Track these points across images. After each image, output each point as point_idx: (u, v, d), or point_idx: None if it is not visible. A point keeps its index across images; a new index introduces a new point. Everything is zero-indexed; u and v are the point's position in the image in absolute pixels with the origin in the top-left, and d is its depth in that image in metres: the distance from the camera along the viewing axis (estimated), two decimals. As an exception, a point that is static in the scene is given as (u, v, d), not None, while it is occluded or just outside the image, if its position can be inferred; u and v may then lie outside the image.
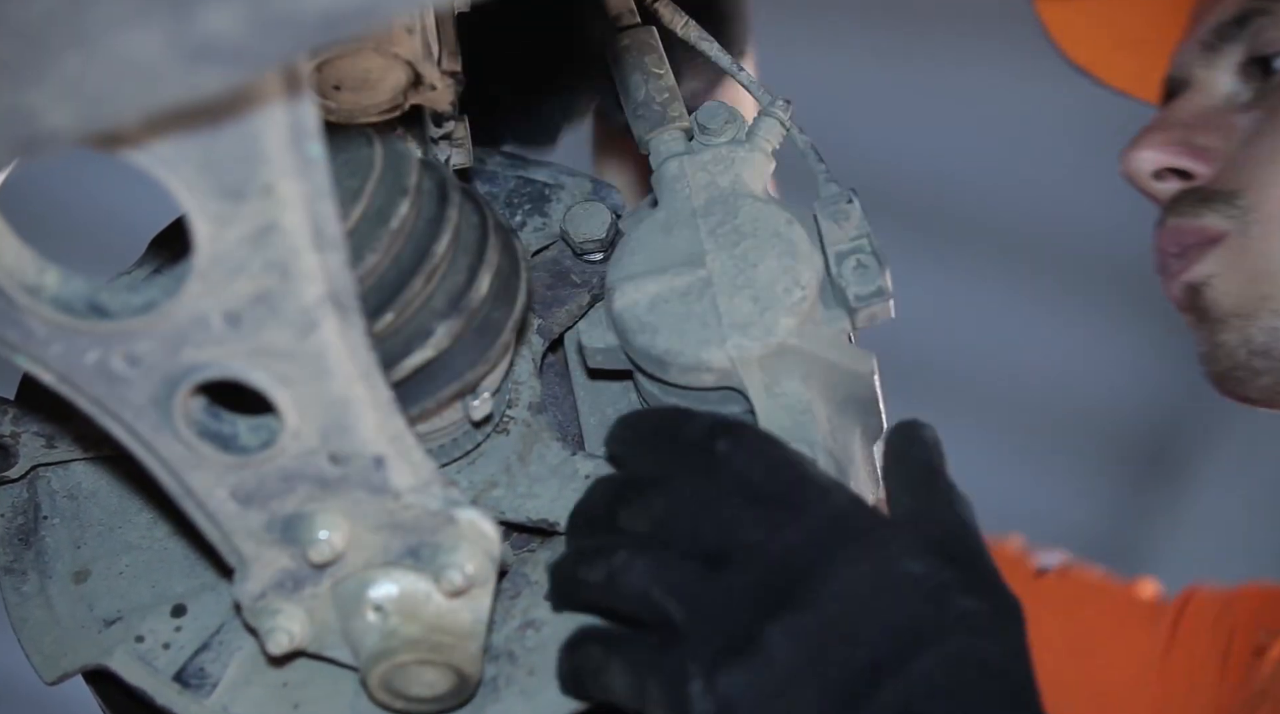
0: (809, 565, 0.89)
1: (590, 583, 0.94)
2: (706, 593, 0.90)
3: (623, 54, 1.10)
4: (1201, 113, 1.39)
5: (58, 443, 1.06)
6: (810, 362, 1.00)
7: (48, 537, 1.05)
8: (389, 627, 0.93)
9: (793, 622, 0.88)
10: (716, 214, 1.03)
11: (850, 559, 0.89)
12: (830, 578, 0.89)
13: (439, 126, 1.04)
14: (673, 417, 0.97)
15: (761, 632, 0.88)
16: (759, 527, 0.91)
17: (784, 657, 0.87)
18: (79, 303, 0.83)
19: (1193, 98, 1.41)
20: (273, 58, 0.71)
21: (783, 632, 0.88)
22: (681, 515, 0.92)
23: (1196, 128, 1.38)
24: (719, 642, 0.88)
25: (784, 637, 0.88)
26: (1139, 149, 1.39)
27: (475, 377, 0.99)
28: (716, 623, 0.89)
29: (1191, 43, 1.42)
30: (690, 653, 0.89)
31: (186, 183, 0.78)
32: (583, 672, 0.94)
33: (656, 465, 0.95)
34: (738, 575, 0.90)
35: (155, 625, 1.01)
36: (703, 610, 0.89)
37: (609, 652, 0.92)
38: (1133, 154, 1.40)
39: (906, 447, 0.98)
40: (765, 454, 0.93)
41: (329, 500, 0.90)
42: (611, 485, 0.96)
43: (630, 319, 1.01)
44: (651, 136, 1.08)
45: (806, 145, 1.08)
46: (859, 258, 1.02)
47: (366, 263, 0.93)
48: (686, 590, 0.90)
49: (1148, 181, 1.39)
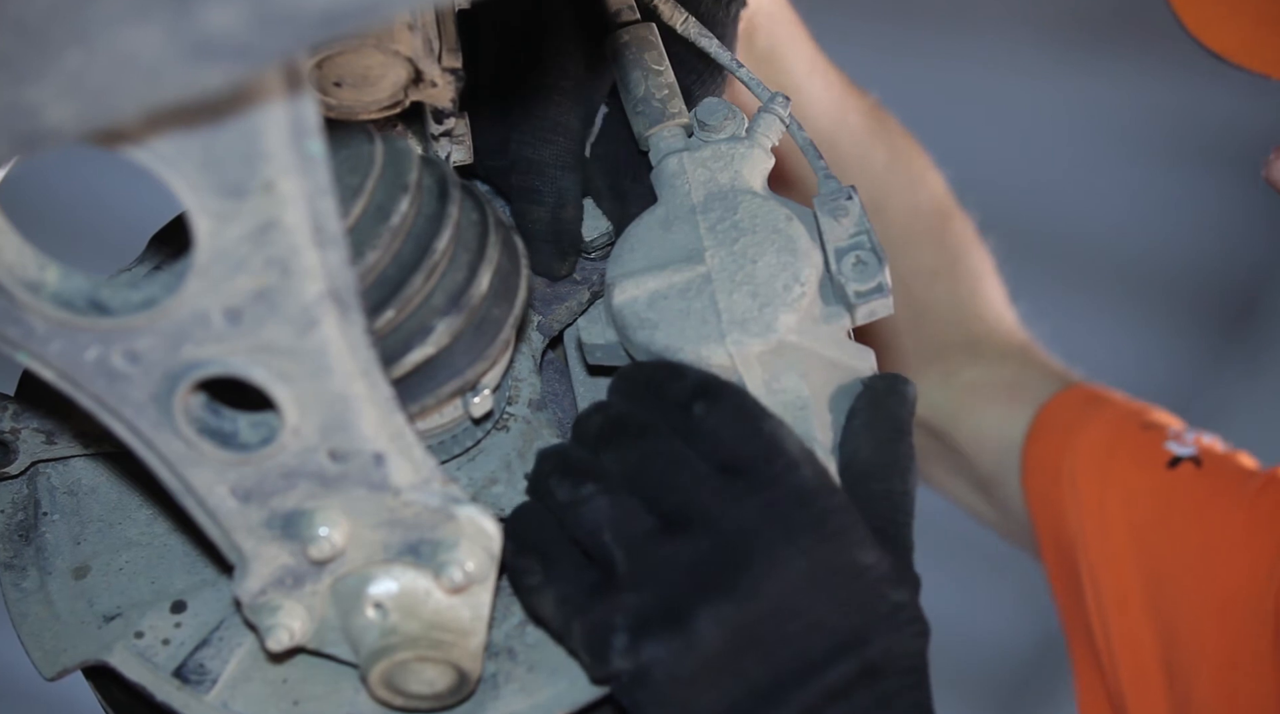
0: (759, 548, 0.91)
1: (556, 497, 0.95)
2: (653, 554, 0.92)
3: (622, 50, 1.10)
4: None
5: (58, 439, 1.06)
6: (810, 358, 1.00)
7: (48, 533, 1.05)
8: (389, 624, 0.93)
9: (727, 609, 0.89)
10: (716, 210, 1.03)
11: (801, 549, 0.91)
12: (776, 565, 0.90)
13: (439, 123, 1.04)
14: (663, 372, 0.98)
15: (694, 611, 0.89)
16: (718, 496, 0.92)
17: (709, 642, 0.89)
18: (79, 299, 0.83)
19: None
20: (273, 54, 0.71)
21: (715, 617, 0.89)
22: (651, 471, 0.93)
23: None
24: (652, 607, 0.90)
25: (714, 623, 0.89)
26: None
27: (475, 374, 0.99)
28: (655, 588, 0.91)
29: None
30: (621, 607, 0.91)
31: (187, 180, 0.78)
32: (520, 582, 0.96)
33: (644, 416, 0.96)
34: (686, 545, 0.91)
35: (155, 622, 1.01)
36: (645, 570, 0.91)
37: (547, 578, 0.94)
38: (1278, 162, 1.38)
39: (885, 396, 1.00)
40: (740, 420, 0.94)
41: (329, 497, 0.90)
42: (606, 420, 0.97)
43: (630, 315, 1.01)
44: (651, 133, 1.08)
45: (805, 142, 1.08)
46: (858, 254, 1.02)
47: (367, 260, 0.93)
48: (636, 545, 0.92)
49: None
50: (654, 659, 0.89)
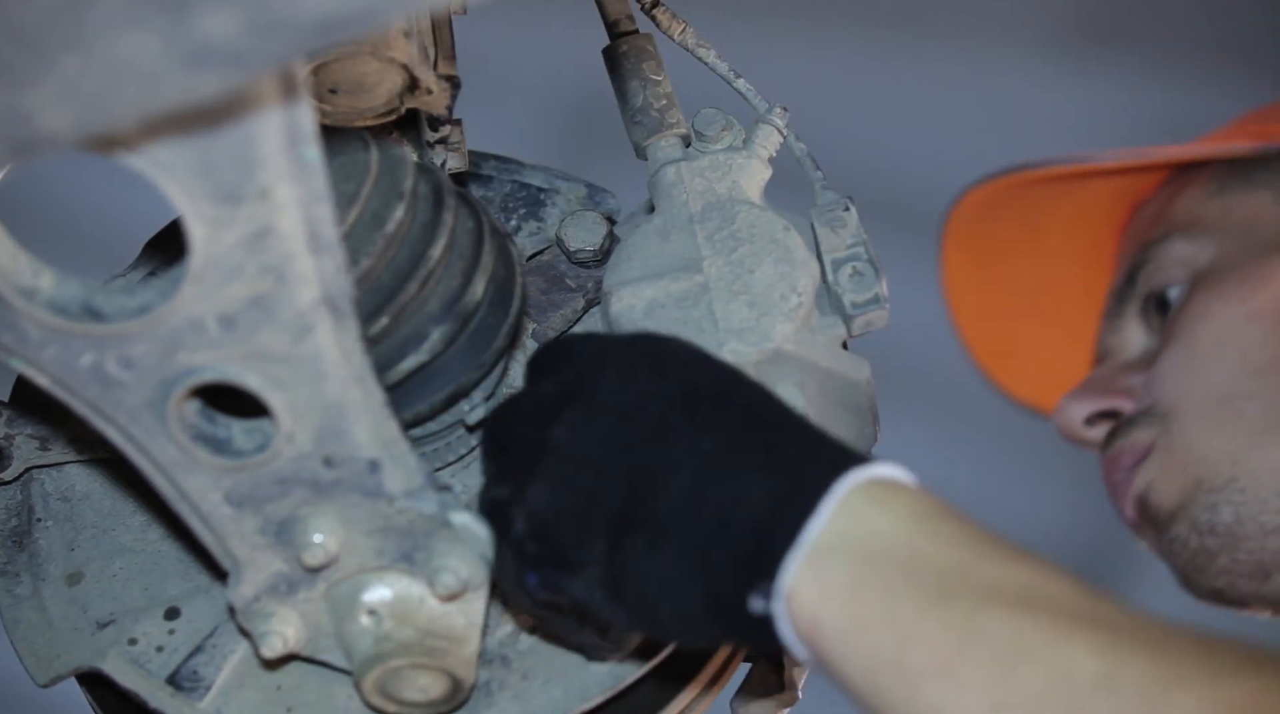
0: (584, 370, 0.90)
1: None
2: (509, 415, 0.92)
3: (621, 60, 1.11)
4: (1119, 367, 1.53)
5: (52, 445, 1.06)
6: (806, 368, 1.00)
7: (41, 539, 1.05)
8: (383, 630, 0.93)
9: (572, 413, 0.89)
10: (714, 220, 1.03)
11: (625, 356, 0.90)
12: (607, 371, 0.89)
13: (435, 130, 1.04)
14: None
15: (548, 435, 0.89)
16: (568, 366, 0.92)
17: (571, 443, 0.88)
18: (74, 306, 0.83)
19: (1109, 361, 1.56)
20: (269, 61, 0.71)
21: (566, 424, 0.88)
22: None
23: (1115, 376, 1.52)
24: (521, 461, 0.90)
25: (568, 429, 0.88)
26: (1068, 404, 1.54)
27: (469, 381, 0.99)
28: (518, 446, 0.90)
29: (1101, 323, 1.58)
30: (504, 481, 0.90)
31: (182, 186, 0.78)
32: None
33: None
34: (527, 394, 0.92)
35: (149, 628, 1.01)
36: (506, 442, 0.91)
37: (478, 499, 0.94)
38: (1064, 410, 1.54)
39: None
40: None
41: (323, 504, 0.90)
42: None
43: (627, 323, 1.01)
44: (649, 143, 1.08)
45: (803, 153, 1.09)
46: (855, 265, 1.02)
47: (361, 267, 0.93)
48: (499, 426, 0.92)
49: (1081, 431, 1.53)
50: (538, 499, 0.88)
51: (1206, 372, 1.44)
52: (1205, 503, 1.42)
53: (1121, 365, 1.53)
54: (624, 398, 0.88)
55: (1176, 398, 1.44)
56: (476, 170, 1.14)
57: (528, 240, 1.13)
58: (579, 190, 1.14)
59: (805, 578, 0.82)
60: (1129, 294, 1.54)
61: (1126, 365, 1.53)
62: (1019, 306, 1.73)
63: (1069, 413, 1.53)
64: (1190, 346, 1.45)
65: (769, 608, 0.83)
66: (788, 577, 0.82)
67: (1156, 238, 1.53)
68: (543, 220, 1.13)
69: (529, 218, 1.14)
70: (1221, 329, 1.44)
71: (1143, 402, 1.47)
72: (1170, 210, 1.55)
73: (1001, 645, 0.79)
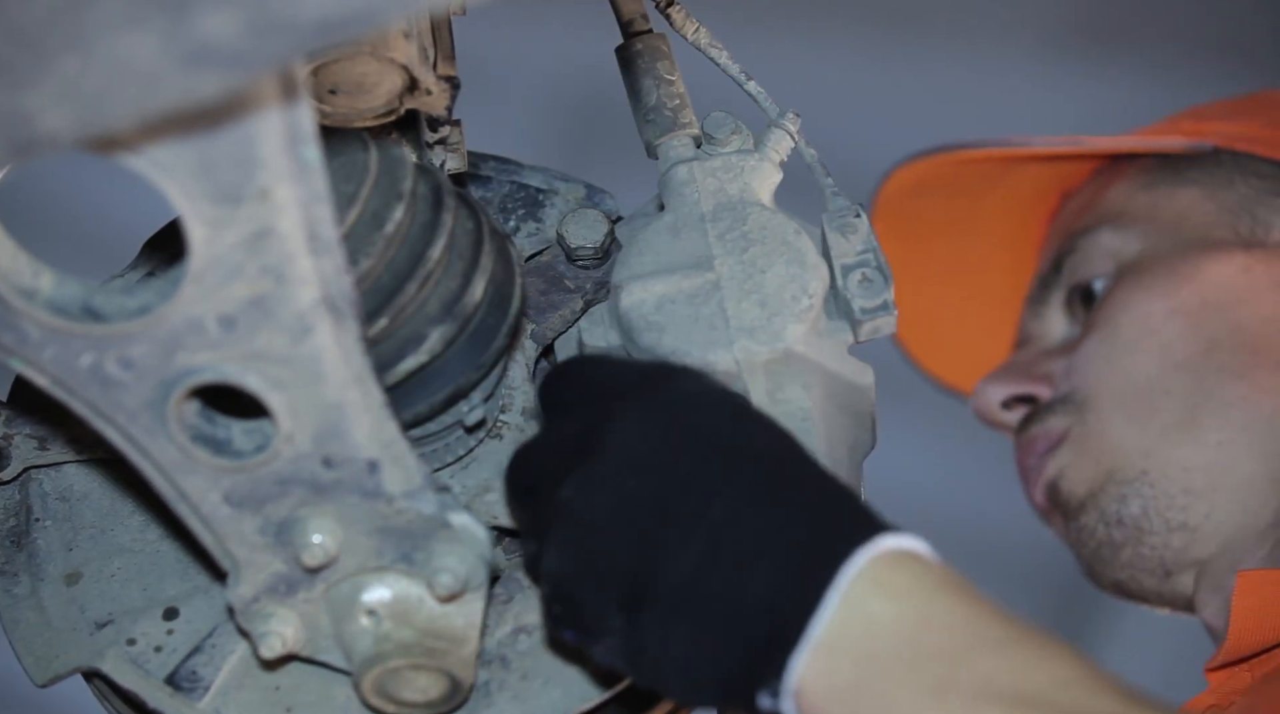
0: (597, 419, 0.90)
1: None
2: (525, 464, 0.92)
3: (635, 59, 1.11)
4: (1040, 353, 1.54)
5: (50, 445, 1.06)
6: (813, 370, 1.00)
7: (40, 539, 1.05)
8: (382, 631, 0.93)
9: (583, 472, 0.88)
10: (725, 220, 1.04)
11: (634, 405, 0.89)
12: (617, 422, 0.89)
13: (434, 131, 1.04)
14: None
15: (558, 496, 0.89)
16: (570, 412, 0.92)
17: (582, 508, 0.88)
18: (73, 306, 0.83)
19: (1030, 346, 1.57)
20: (269, 62, 0.71)
21: (576, 485, 0.88)
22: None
23: (1034, 362, 1.54)
24: (538, 518, 0.90)
25: (578, 492, 0.88)
26: (985, 387, 1.55)
27: (469, 382, 0.99)
28: (533, 506, 0.91)
29: (1024, 307, 1.60)
30: (529, 542, 0.92)
31: (182, 186, 0.78)
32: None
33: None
34: (537, 451, 0.92)
35: (147, 628, 1.01)
36: (524, 501, 0.92)
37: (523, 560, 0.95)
38: (980, 392, 1.55)
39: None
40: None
41: (322, 504, 0.90)
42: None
43: (637, 318, 1.01)
44: (661, 142, 1.09)
45: (814, 159, 1.09)
46: (865, 271, 1.03)
47: (361, 267, 0.93)
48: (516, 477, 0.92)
49: (997, 413, 1.55)
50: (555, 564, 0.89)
51: (1126, 363, 1.44)
52: (1114, 494, 1.43)
53: (1042, 352, 1.54)
54: (634, 455, 0.88)
55: (1094, 387, 1.45)
56: (475, 171, 1.14)
57: (526, 241, 1.13)
58: (578, 191, 1.15)
59: (810, 677, 0.83)
60: (1054, 281, 1.55)
61: (1047, 352, 1.54)
62: (944, 287, 1.73)
63: (986, 395, 1.54)
64: (1112, 337, 1.46)
65: (777, 705, 0.84)
66: (794, 677, 0.83)
67: (1085, 227, 1.54)
68: (541, 221, 1.13)
69: (528, 218, 1.14)
70: (1144, 321, 1.45)
71: (1061, 389, 1.48)
72: (1099, 200, 1.56)
73: None
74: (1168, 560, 1.43)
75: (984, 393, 1.55)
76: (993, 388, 1.54)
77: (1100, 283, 1.51)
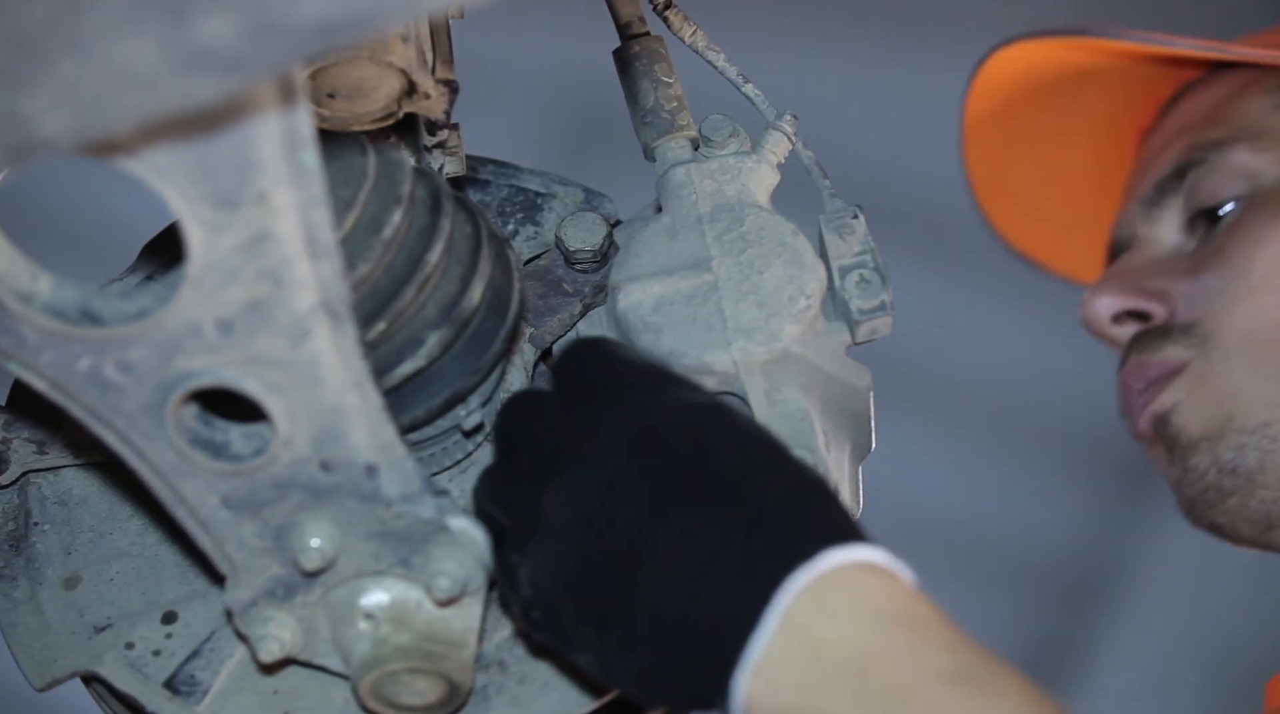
0: (577, 427, 0.90)
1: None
2: (506, 485, 0.92)
3: (632, 61, 1.11)
4: (1152, 261, 1.45)
5: (49, 449, 1.06)
6: (811, 371, 1.00)
7: (38, 543, 1.05)
8: (380, 635, 0.93)
9: (561, 485, 0.89)
10: (723, 221, 1.04)
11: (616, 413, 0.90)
12: (596, 432, 0.89)
13: (433, 135, 1.04)
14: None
15: (540, 504, 0.89)
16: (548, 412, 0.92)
17: (561, 521, 0.88)
18: (72, 310, 0.83)
19: (1141, 250, 1.47)
20: (268, 66, 0.71)
21: (556, 497, 0.89)
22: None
23: (1148, 273, 1.44)
24: (520, 527, 0.90)
25: (557, 502, 0.89)
26: (1096, 296, 1.46)
27: (466, 386, 0.99)
28: (515, 510, 0.91)
29: (1132, 204, 1.49)
30: (510, 545, 0.91)
31: (180, 191, 0.78)
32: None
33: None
34: (521, 457, 0.91)
35: (146, 632, 1.01)
36: (507, 503, 0.91)
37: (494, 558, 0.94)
38: (1091, 302, 1.46)
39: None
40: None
41: (320, 508, 0.90)
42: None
43: (635, 319, 1.02)
44: (659, 144, 1.09)
45: (811, 161, 1.09)
46: (862, 272, 1.03)
47: (359, 271, 0.93)
48: (499, 492, 0.92)
49: (1107, 327, 1.46)
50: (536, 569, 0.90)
51: (1257, 303, 1.37)
52: (1232, 442, 1.36)
53: (1155, 262, 1.45)
54: (610, 470, 0.88)
55: (1219, 323, 1.37)
56: (474, 175, 1.14)
57: (525, 245, 1.13)
58: (576, 194, 1.15)
59: (756, 698, 0.83)
60: (1173, 188, 1.46)
61: (1161, 264, 1.45)
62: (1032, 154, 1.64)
63: (1096, 307, 1.45)
64: (1243, 273, 1.38)
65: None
66: (740, 696, 0.83)
67: (1216, 140, 1.45)
68: (540, 225, 1.13)
69: (526, 222, 1.14)
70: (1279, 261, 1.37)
71: (1180, 314, 1.40)
72: (1233, 112, 1.47)
73: None
74: (1274, 515, 1.37)
75: (1094, 304, 1.46)
76: (1104, 300, 1.45)
77: (1231, 206, 1.42)
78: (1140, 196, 1.49)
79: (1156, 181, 1.47)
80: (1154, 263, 1.45)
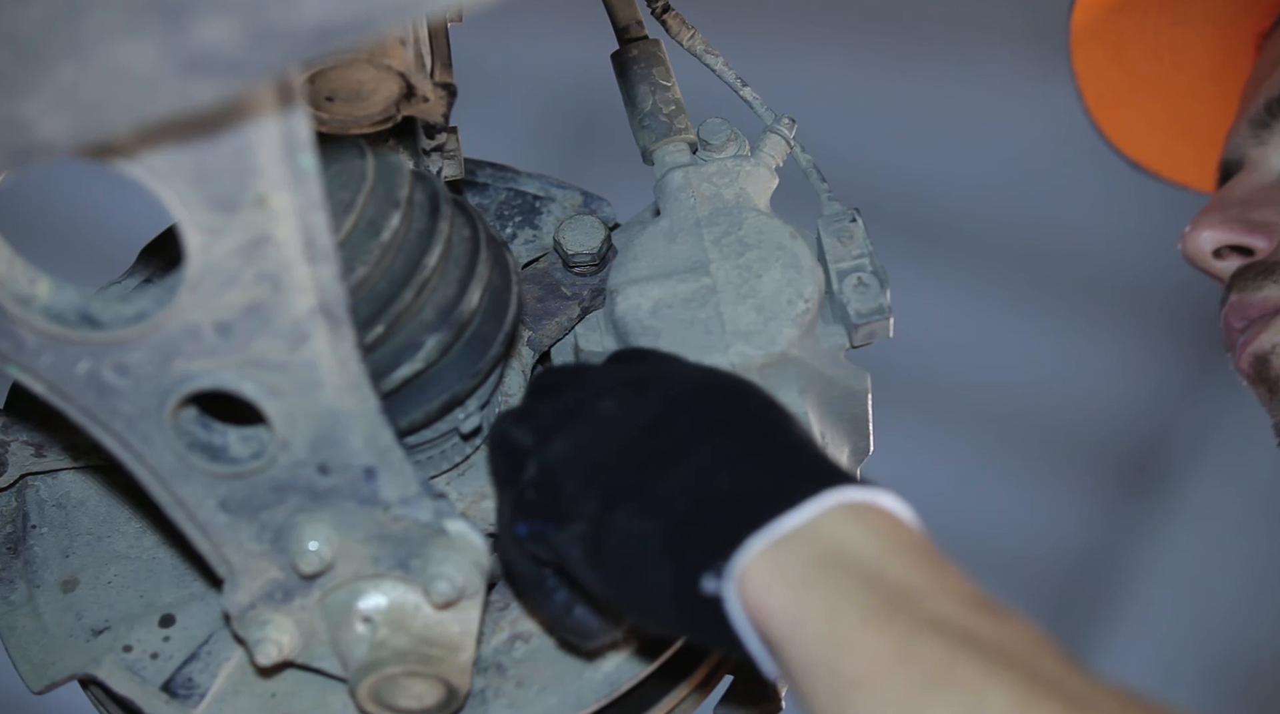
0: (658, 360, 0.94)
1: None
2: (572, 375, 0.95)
3: (631, 65, 1.11)
4: (1257, 189, 1.40)
5: (47, 452, 1.06)
6: (809, 374, 1.00)
7: (36, 545, 1.05)
8: (378, 638, 0.93)
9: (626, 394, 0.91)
10: (721, 225, 1.04)
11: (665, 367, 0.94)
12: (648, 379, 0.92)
13: (431, 138, 1.05)
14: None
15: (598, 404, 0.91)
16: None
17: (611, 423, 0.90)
18: (70, 313, 0.83)
19: (1247, 176, 1.42)
20: (266, 70, 0.71)
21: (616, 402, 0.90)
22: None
23: (1253, 204, 1.39)
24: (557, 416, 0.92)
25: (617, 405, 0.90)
26: (1198, 230, 1.40)
27: (464, 389, 0.99)
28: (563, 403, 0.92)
29: (1242, 123, 1.44)
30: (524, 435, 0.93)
31: (179, 194, 0.78)
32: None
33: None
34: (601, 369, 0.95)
35: (143, 635, 1.01)
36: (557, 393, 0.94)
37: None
38: (1192, 235, 1.40)
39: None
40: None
41: (319, 511, 0.90)
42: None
43: (633, 322, 1.02)
44: (657, 147, 1.09)
45: (809, 164, 1.09)
46: (860, 276, 1.03)
47: (357, 275, 0.93)
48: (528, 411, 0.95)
49: (1209, 261, 1.40)
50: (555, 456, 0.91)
51: None
52: None
53: (1262, 190, 1.40)
54: (677, 388, 0.90)
55: None
56: (472, 178, 1.14)
57: (523, 248, 1.13)
58: (574, 198, 1.15)
59: (761, 564, 0.83)
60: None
61: (1265, 191, 1.40)
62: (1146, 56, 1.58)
63: (1199, 241, 1.39)
64: None
65: (719, 588, 0.83)
66: (744, 559, 0.83)
67: None
68: (538, 228, 1.13)
69: (524, 225, 1.14)
70: None
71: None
72: None
73: (930, 671, 0.79)
74: None
75: (1195, 237, 1.40)
76: (1206, 233, 1.39)
77: None
78: (1250, 115, 1.43)
79: (1267, 103, 1.42)
80: (1261, 191, 1.40)
